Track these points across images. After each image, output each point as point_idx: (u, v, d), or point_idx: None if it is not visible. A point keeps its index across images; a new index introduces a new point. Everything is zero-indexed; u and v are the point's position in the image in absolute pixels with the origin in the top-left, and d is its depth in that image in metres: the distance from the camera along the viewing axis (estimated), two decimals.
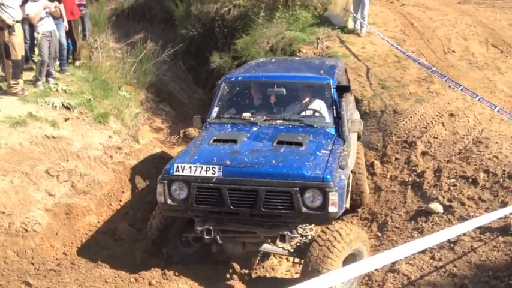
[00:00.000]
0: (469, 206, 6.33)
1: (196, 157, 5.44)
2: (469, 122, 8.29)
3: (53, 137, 7.49)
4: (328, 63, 7.51)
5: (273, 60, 8.36)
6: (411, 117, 8.86)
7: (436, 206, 6.50)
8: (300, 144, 5.55)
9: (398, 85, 10.03)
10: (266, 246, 5.68)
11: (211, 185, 5.14)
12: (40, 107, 8.04)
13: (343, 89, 6.19)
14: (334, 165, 5.21)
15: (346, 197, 5.70)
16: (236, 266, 6.23)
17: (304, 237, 5.53)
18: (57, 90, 8.84)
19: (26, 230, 5.97)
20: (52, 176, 6.85)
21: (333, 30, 12.71)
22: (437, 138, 8.12)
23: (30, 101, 8.13)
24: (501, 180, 6.49)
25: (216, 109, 6.50)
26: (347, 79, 7.83)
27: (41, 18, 8.84)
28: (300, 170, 5.06)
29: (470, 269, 5.22)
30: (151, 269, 5.53)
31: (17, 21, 8.13)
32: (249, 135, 5.86)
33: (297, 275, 5.88)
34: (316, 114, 6.30)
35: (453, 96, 9.35)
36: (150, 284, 5.27)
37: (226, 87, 6.68)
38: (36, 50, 9.19)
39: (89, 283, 5.12)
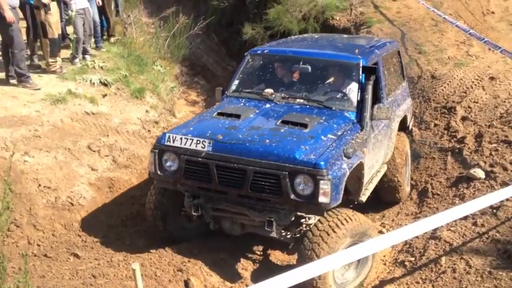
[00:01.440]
0: (511, 171, 6.20)
1: (191, 129, 5.22)
2: (510, 84, 8.07)
3: (93, 113, 7.64)
4: (372, 43, 6.75)
5: (315, 36, 7.92)
6: (450, 82, 8.66)
7: (478, 172, 6.39)
8: (305, 125, 5.13)
9: (436, 49, 9.79)
10: (265, 230, 5.16)
11: (199, 159, 4.89)
12: (78, 84, 8.19)
13: (370, 71, 5.65)
14: (334, 152, 4.77)
15: (358, 189, 5.36)
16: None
17: (305, 226, 5.13)
18: (94, 67, 8.98)
19: (72, 204, 6.15)
20: (94, 151, 7.01)
21: None
22: (477, 102, 7.93)
23: (68, 78, 8.28)
24: None
25: (236, 82, 6.23)
26: (398, 63, 7.19)
27: None
28: (292, 153, 4.66)
29: None
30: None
31: (53, 0, 8.22)
32: (257, 111, 5.53)
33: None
34: (339, 96, 5.85)
35: (493, 59, 9.08)
36: (191, 252, 5.40)
37: (250, 60, 6.39)
38: (71, 28, 9.33)
39: (134, 254, 5.26)
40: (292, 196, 4.62)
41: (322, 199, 4.55)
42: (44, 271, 4.89)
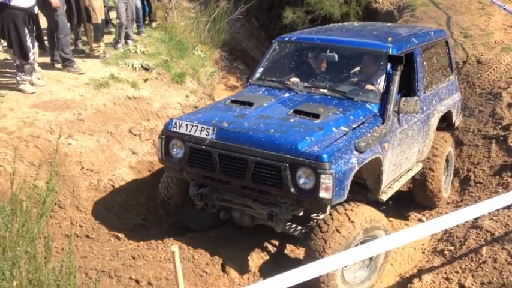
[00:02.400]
0: None
1: (200, 115, 5.12)
2: None
3: (134, 98, 7.77)
4: (413, 32, 6.29)
5: (355, 24, 7.64)
6: (496, 67, 8.38)
7: None
8: (316, 116, 4.86)
9: (482, 33, 9.48)
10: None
11: (203, 147, 4.77)
12: (121, 68, 8.33)
13: (396, 61, 5.23)
14: (342, 145, 4.50)
15: (377, 186, 5.09)
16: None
17: (315, 220, 4.92)
18: (136, 52, 9.11)
19: (113, 187, 6.30)
20: (135, 135, 7.14)
21: None
22: None
23: (111, 63, 8.44)
24: None
25: (260, 70, 6.04)
26: (446, 54, 6.68)
27: None
28: (294, 144, 4.42)
29: None
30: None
31: None
32: (273, 100, 5.33)
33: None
34: (363, 86, 5.52)
35: None
36: (229, 237, 5.46)
37: (277, 48, 6.19)
38: (114, 13, 9.47)
39: (173, 236, 5.36)
40: (293, 189, 4.41)
41: (323, 194, 4.31)
42: (85, 251, 5.02)
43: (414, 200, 6.58)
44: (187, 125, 4.90)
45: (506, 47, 8.82)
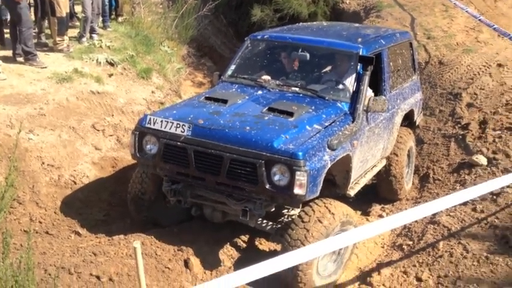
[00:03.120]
0: None
1: (174, 112, 5.13)
2: None
3: (98, 93, 7.68)
4: (379, 33, 6.48)
5: (323, 24, 7.77)
6: (457, 68, 8.61)
7: (480, 158, 6.39)
8: (290, 114, 4.96)
9: (445, 35, 9.73)
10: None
11: (178, 143, 4.79)
12: (85, 63, 8.22)
13: (367, 61, 5.38)
14: (316, 143, 4.62)
15: (346, 182, 5.22)
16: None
17: (286, 216, 5.10)
18: (101, 47, 9.00)
19: (75, 182, 6.22)
20: (98, 130, 7.07)
21: None
22: (483, 89, 7.89)
23: (75, 57, 8.31)
24: None
25: (232, 67, 6.07)
26: (409, 55, 6.88)
27: None
28: (270, 141, 4.50)
29: None
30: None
31: None
32: (247, 98, 5.39)
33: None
34: (334, 85, 5.65)
35: (502, 46, 9.01)
36: (192, 232, 5.47)
37: (250, 45, 6.22)
38: (80, 7, 9.34)
39: (135, 233, 5.31)
40: (268, 186, 4.49)
41: (297, 191, 4.41)
42: (45, 248, 4.97)
43: (378, 194, 6.76)
44: (162, 121, 4.89)
45: (467, 49, 9.06)
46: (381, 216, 6.41)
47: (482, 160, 6.35)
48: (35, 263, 4.28)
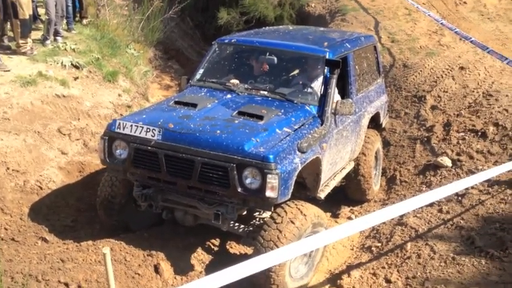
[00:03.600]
0: (477, 160, 6.36)
1: (144, 116, 5.09)
2: (479, 75, 8.24)
3: (64, 96, 7.53)
4: (345, 37, 6.58)
5: (290, 28, 7.78)
6: (421, 71, 8.80)
7: (445, 160, 6.54)
8: (260, 117, 4.99)
9: (409, 38, 9.93)
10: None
11: (149, 148, 4.75)
12: (49, 66, 8.05)
13: (333, 65, 5.43)
14: (287, 146, 4.66)
15: (316, 185, 5.28)
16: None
17: (258, 219, 5.16)
18: (65, 49, 8.82)
19: (41, 188, 6.08)
20: (64, 134, 6.93)
21: None
22: (447, 92, 8.09)
23: (39, 60, 8.13)
24: (510, 133, 6.50)
25: (200, 71, 6.07)
26: (374, 58, 7.00)
27: None
28: (241, 145, 4.52)
29: (477, 221, 5.28)
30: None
31: None
32: (216, 102, 5.39)
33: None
34: (302, 89, 5.72)
35: (464, 49, 9.26)
36: (162, 237, 5.42)
37: (217, 49, 6.23)
38: (43, 9, 9.15)
39: (104, 239, 5.25)
40: (240, 189, 4.50)
41: (269, 193, 4.43)
42: (11, 255, 4.85)
43: (347, 195, 6.85)
44: (131, 125, 4.85)
45: (430, 52, 9.27)
46: (350, 218, 6.50)
47: (447, 162, 6.50)
48: (2, 270, 4.20)
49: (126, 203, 5.48)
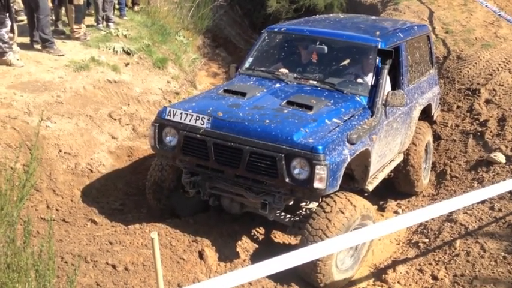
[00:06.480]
0: None
1: (194, 104, 5.14)
2: None
3: (115, 82, 7.68)
4: (397, 26, 6.41)
5: (341, 16, 7.68)
6: (476, 63, 8.49)
7: (499, 156, 6.32)
8: (309, 108, 4.95)
9: (464, 29, 9.59)
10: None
11: (198, 136, 4.81)
12: (102, 51, 8.22)
13: (385, 55, 5.30)
14: (336, 137, 4.61)
15: (364, 177, 5.21)
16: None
17: (304, 209, 5.16)
18: (117, 35, 8.98)
19: (91, 171, 6.23)
20: (114, 119, 7.08)
21: None
22: (502, 85, 7.78)
23: (92, 45, 8.31)
24: None
25: (249, 60, 6.06)
26: (427, 49, 6.80)
27: None
28: (290, 135, 4.51)
29: None
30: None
31: None
32: (265, 91, 5.38)
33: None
34: (353, 79, 5.65)
35: None
36: (207, 224, 5.47)
37: (267, 38, 6.21)
38: None
39: (150, 223, 5.33)
40: (287, 179, 4.50)
41: (317, 184, 4.42)
42: (61, 236, 4.98)
43: (395, 187, 6.73)
44: (181, 113, 4.91)
45: (486, 44, 8.94)
46: (396, 212, 6.39)
47: (501, 158, 6.28)
48: (53, 250, 4.31)
49: (174, 189, 5.56)
